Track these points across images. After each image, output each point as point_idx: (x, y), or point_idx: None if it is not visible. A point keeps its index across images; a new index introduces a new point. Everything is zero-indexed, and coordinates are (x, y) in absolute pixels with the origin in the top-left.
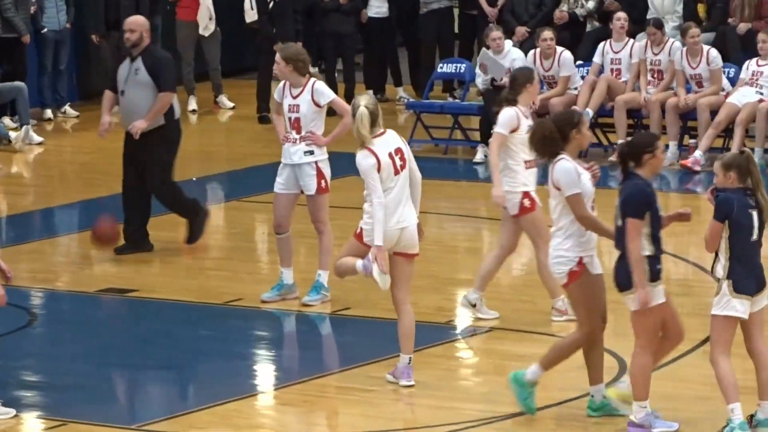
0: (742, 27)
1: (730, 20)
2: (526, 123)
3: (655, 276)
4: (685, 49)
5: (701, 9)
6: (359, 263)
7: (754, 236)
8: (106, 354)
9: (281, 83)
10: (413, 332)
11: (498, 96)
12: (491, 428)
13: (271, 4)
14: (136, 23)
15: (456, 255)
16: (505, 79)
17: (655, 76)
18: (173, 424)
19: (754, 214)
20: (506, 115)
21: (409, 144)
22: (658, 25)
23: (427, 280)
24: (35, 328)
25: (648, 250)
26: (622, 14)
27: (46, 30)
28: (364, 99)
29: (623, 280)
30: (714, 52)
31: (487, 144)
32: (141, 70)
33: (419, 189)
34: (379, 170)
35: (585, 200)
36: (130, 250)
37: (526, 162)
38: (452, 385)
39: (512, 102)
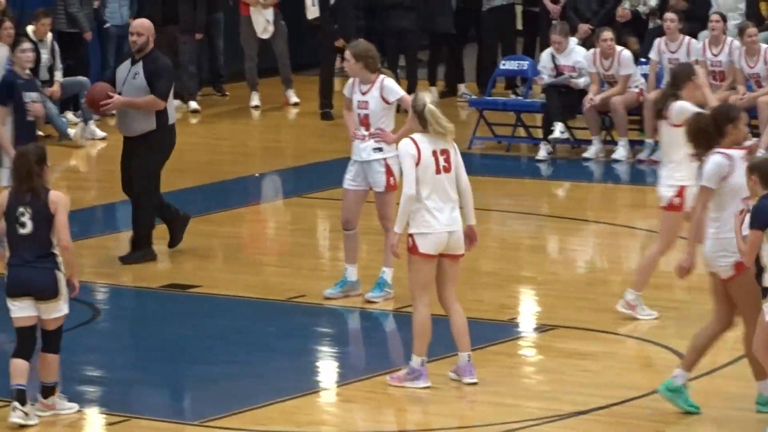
0: None
1: None
2: None
3: None
4: (743, 48)
5: (763, 7)
6: (414, 365)
7: None
8: (169, 350)
9: (351, 79)
10: (467, 329)
11: (663, 92)
12: (553, 427)
13: (332, 1)
14: (143, 27)
15: (518, 252)
16: (576, 81)
17: (716, 78)
18: (235, 420)
19: None
20: (684, 106)
21: (471, 141)
22: (723, 16)
23: (490, 278)
24: (98, 323)
25: None
26: (669, 14)
27: (108, 25)
28: (428, 96)
29: None
30: None
31: (548, 141)
32: (140, 75)
33: (468, 196)
34: (418, 164)
35: (734, 194)
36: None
37: (690, 155)
38: (514, 383)
39: (676, 97)
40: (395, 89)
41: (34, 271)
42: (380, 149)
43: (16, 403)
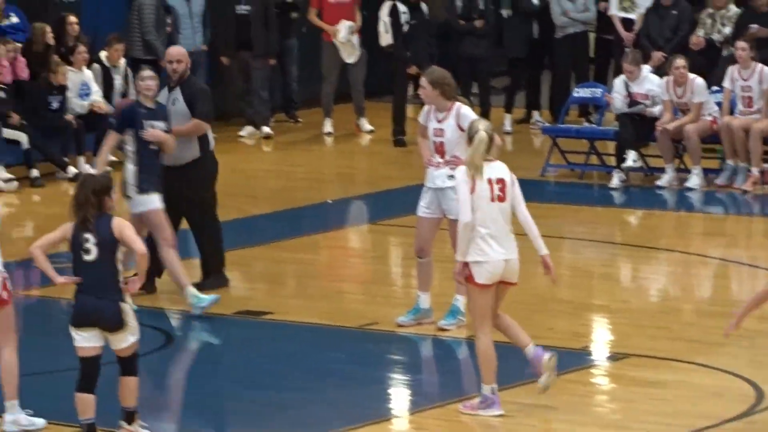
0: None
1: None
2: None
3: None
4: None
5: None
6: (485, 393)
7: None
8: (240, 376)
9: (426, 107)
10: (519, 326)
11: None
12: None
13: (405, 27)
14: (182, 54)
15: (591, 281)
16: (651, 110)
17: None
18: None
19: None
20: None
21: (544, 169)
22: None
23: (563, 306)
24: (171, 349)
25: None
26: (740, 43)
27: None
28: (483, 123)
29: None
30: None
31: (621, 169)
32: (179, 101)
33: (531, 227)
34: (472, 192)
35: None
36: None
37: None
38: (587, 411)
39: None
40: (471, 117)
41: (99, 303)
42: (454, 176)
43: None
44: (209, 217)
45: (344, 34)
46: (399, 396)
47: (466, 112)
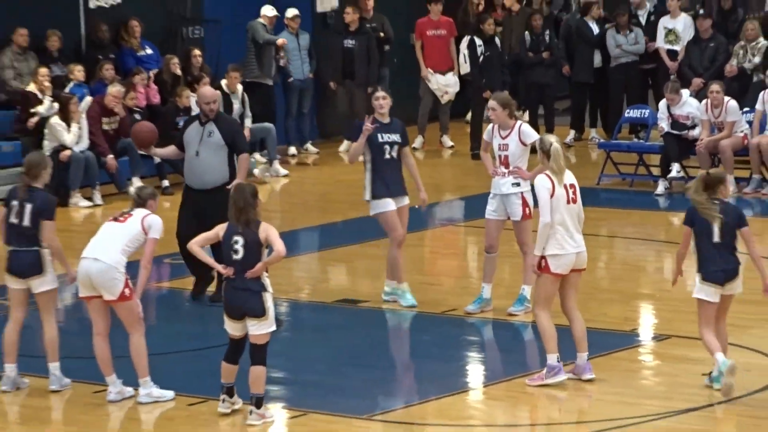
0: None
1: None
2: None
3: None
4: None
5: None
6: (550, 363)
7: (715, 238)
8: (341, 355)
9: (490, 125)
10: (586, 333)
11: None
12: (668, 421)
13: (481, 58)
14: (216, 95)
15: (639, 273)
16: (693, 134)
17: None
18: (397, 415)
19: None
20: None
21: (599, 178)
22: None
23: (615, 295)
24: (281, 333)
25: None
26: None
27: (292, 79)
28: (553, 137)
29: None
30: None
31: (666, 178)
32: (215, 134)
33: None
34: (552, 196)
35: None
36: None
37: None
38: (635, 384)
39: None
40: (531, 133)
41: (245, 294)
42: (518, 184)
43: (225, 396)
44: None
45: (447, 99)
46: (473, 371)
47: (526, 129)
